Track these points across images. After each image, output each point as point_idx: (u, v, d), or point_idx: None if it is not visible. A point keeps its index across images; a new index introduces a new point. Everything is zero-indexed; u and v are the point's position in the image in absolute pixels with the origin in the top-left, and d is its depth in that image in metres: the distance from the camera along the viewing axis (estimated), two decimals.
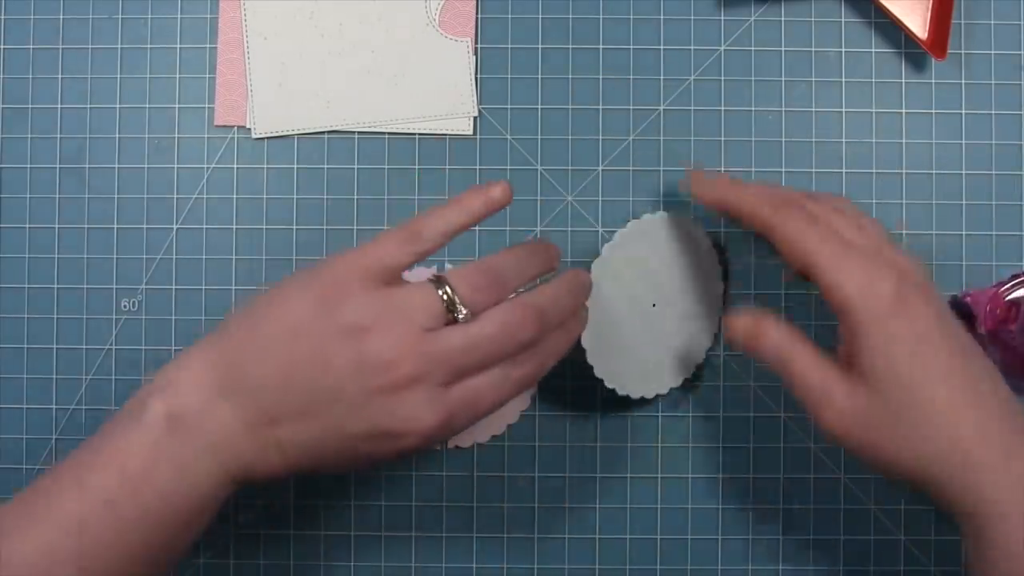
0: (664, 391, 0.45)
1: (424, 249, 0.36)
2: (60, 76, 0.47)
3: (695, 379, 0.46)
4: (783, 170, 0.46)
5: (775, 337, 0.38)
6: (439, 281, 0.35)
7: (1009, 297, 0.45)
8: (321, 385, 0.34)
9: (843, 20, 0.47)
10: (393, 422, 0.34)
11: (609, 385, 0.43)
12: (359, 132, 0.47)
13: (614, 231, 0.45)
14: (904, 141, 0.47)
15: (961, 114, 0.47)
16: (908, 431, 0.35)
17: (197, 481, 0.34)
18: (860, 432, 0.36)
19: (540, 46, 0.47)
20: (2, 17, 0.47)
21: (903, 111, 0.47)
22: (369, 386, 0.34)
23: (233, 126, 0.47)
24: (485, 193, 0.37)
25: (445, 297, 0.35)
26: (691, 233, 0.45)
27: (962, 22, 0.47)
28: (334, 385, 0.34)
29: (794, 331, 0.38)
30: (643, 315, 0.44)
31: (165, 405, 0.34)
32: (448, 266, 0.46)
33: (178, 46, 0.47)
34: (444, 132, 0.47)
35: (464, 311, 0.35)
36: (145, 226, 0.47)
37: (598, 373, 0.43)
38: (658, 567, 0.46)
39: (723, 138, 0.46)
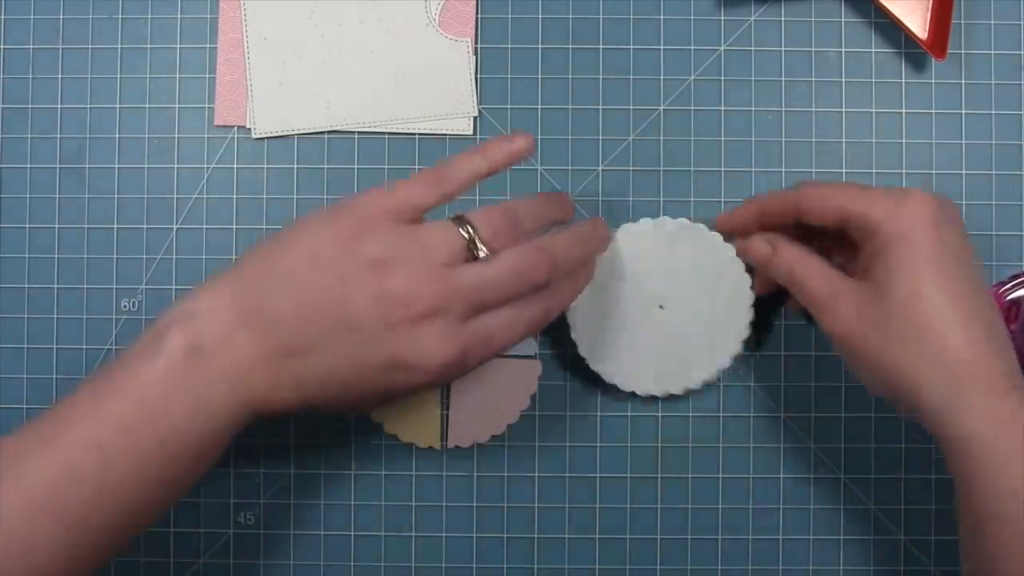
0: (660, 394, 0.45)
1: (449, 191, 0.37)
2: (60, 76, 0.47)
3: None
4: (783, 170, 0.46)
5: (786, 255, 0.41)
6: (460, 220, 0.36)
7: (1009, 297, 0.45)
8: (340, 316, 0.35)
9: (843, 20, 0.47)
10: (409, 354, 0.35)
11: (581, 353, 0.45)
12: (359, 132, 0.47)
13: (614, 231, 0.45)
14: (904, 141, 0.47)
15: (961, 114, 0.47)
16: (911, 336, 0.36)
17: (212, 414, 0.35)
18: (862, 332, 0.37)
19: (540, 46, 0.47)
20: (2, 17, 0.47)
21: (903, 111, 0.47)
22: (387, 318, 0.35)
23: (233, 126, 0.47)
24: (509, 143, 0.38)
25: (466, 235, 0.36)
26: (720, 249, 0.44)
27: (962, 22, 0.47)
28: (353, 316, 0.35)
29: (804, 249, 0.41)
30: (645, 312, 0.44)
31: (184, 336, 0.35)
32: None
33: (178, 46, 0.47)
34: (444, 132, 0.47)
35: (483, 250, 0.36)
36: (145, 226, 0.47)
37: (576, 341, 0.44)
38: (658, 567, 0.46)
39: (723, 138, 0.46)
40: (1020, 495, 0.34)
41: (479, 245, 0.36)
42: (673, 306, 0.44)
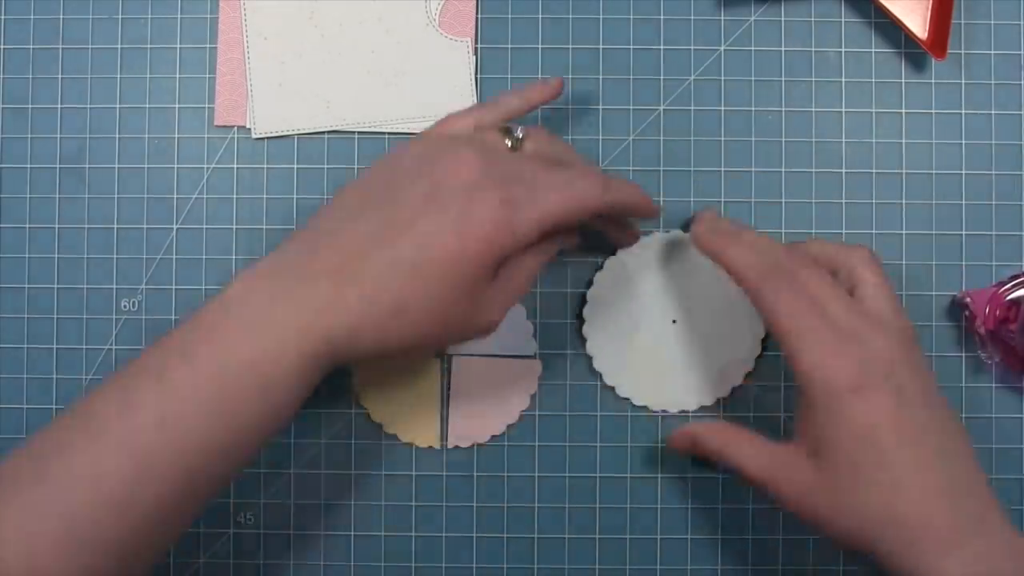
0: (674, 410, 0.46)
1: (486, 120, 0.40)
2: (60, 76, 0.47)
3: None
4: (783, 170, 0.46)
5: (714, 442, 0.40)
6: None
7: (1009, 297, 0.45)
8: (391, 185, 0.36)
9: (843, 20, 0.47)
10: (455, 204, 0.35)
11: (608, 382, 0.45)
12: (359, 132, 0.47)
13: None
14: (904, 141, 0.47)
15: (961, 114, 0.47)
16: (852, 507, 0.36)
17: (276, 339, 0.34)
18: (809, 506, 0.37)
19: (540, 46, 0.47)
20: (2, 17, 0.47)
21: (903, 111, 0.47)
22: (430, 163, 0.36)
23: (233, 126, 0.47)
24: (543, 83, 0.42)
25: (501, 128, 0.39)
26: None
27: (962, 22, 0.47)
28: (401, 179, 0.36)
29: (729, 430, 0.40)
30: (659, 327, 0.45)
31: (220, 294, 0.35)
32: None
33: (178, 46, 0.47)
34: None
35: (520, 131, 0.39)
36: (145, 226, 0.47)
37: (597, 366, 0.45)
38: (658, 567, 0.46)
39: (723, 138, 0.46)
40: None
41: (513, 130, 0.39)
42: (686, 321, 0.45)
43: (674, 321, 0.45)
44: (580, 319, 0.46)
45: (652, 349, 0.45)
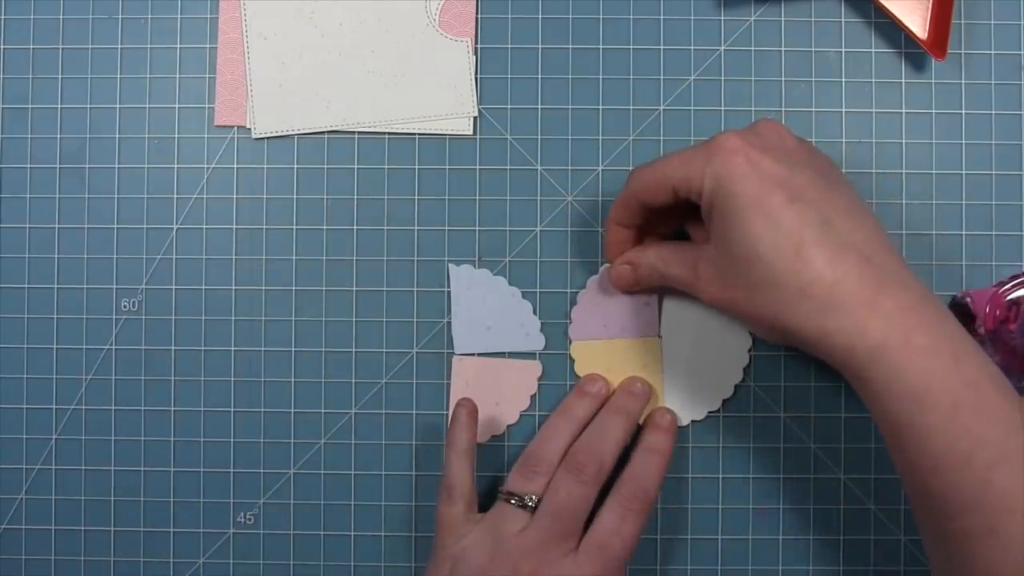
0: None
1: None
2: (60, 76, 0.47)
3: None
4: None
5: (645, 259, 0.42)
6: (503, 495, 0.42)
7: (1009, 297, 0.45)
8: None
9: (843, 20, 0.47)
10: None
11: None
12: (359, 132, 0.47)
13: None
14: (904, 141, 0.47)
15: (961, 114, 0.47)
16: (762, 283, 0.36)
17: None
18: (724, 293, 0.38)
19: (540, 46, 0.47)
20: (2, 17, 0.47)
21: (903, 111, 0.47)
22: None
23: (233, 126, 0.47)
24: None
25: (513, 501, 0.41)
26: None
27: (962, 22, 0.47)
28: None
29: (657, 243, 0.42)
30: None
31: None
32: (453, 267, 0.46)
33: (178, 46, 0.47)
34: (444, 132, 0.47)
35: (532, 498, 0.41)
36: (145, 226, 0.47)
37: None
38: (658, 567, 0.46)
39: None
40: (918, 398, 0.34)
41: (525, 498, 0.41)
42: (672, 336, 0.45)
43: (660, 336, 0.45)
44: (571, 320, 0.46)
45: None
